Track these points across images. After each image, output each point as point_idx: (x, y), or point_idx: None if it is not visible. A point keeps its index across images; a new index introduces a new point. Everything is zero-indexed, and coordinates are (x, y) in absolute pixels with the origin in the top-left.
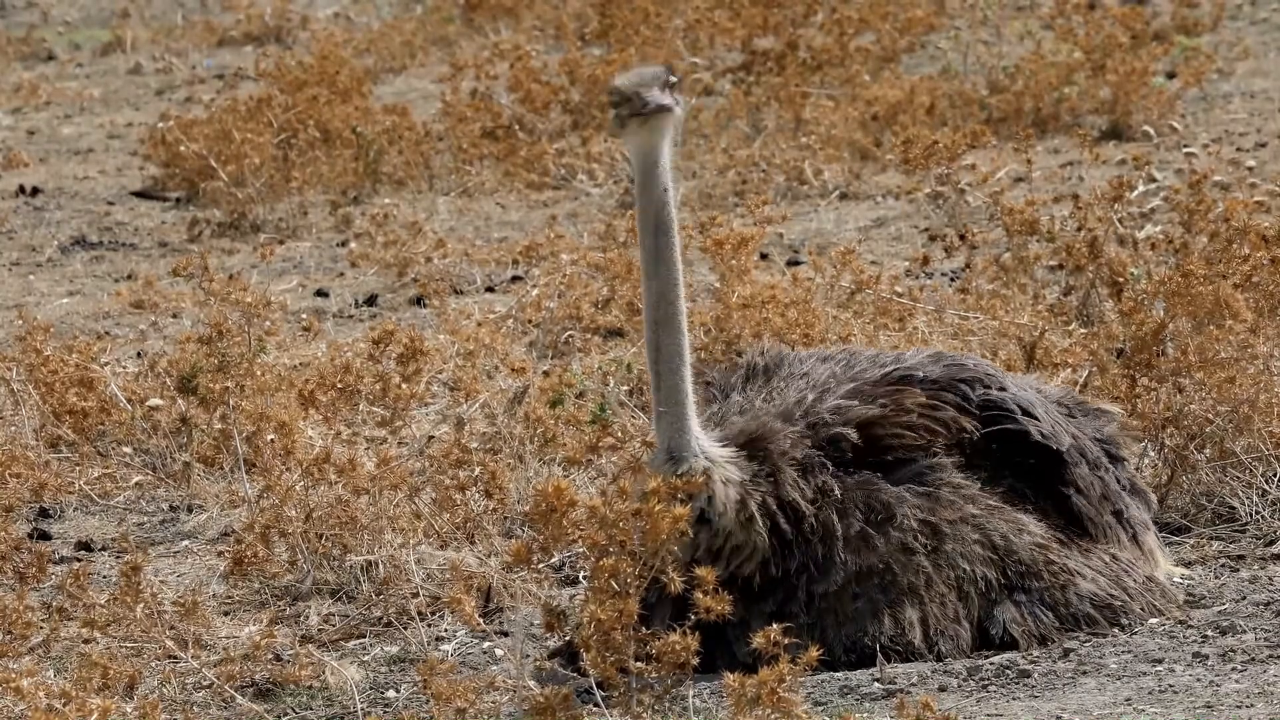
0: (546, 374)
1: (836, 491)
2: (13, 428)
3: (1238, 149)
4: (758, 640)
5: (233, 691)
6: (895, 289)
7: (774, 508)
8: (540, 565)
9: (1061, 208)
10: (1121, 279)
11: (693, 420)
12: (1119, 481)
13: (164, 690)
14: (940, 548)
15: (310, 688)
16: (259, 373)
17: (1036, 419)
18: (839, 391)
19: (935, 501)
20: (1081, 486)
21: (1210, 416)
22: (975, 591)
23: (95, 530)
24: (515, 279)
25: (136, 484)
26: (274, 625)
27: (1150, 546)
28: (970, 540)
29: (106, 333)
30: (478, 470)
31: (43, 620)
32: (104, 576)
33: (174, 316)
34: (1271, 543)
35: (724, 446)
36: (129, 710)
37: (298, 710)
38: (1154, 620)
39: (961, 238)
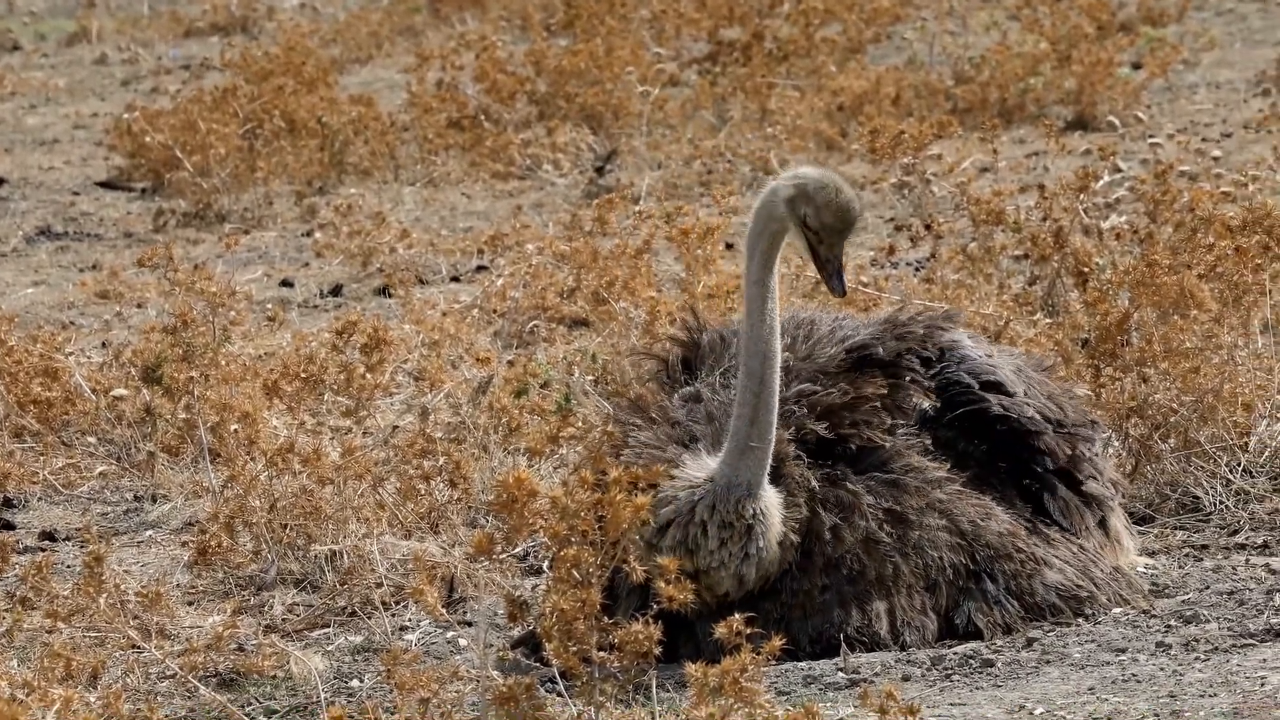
0: (511, 364)
1: (815, 485)
2: None
3: (1203, 139)
4: (720, 630)
5: (196, 682)
6: (861, 279)
7: (798, 529)
8: (503, 555)
9: (1027, 198)
10: (1086, 269)
11: (769, 462)
12: (1092, 440)
13: (127, 680)
14: (907, 536)
15: (274, 678)
16: (224, 363)
17: (997, 384)
18: (801, 374)
19: (901, 489)
20: (1048, 449)
21: (1175, 406)
22: (943, 580)
23: (59, 520)
24: (480, 269)
25: (101, 474)
26: (238, 615)
27: (1117, 530)
28: (937, 527)
29: (71, 323)
30: (442, 460)
31: (6, 610)
32: (68, 566)
33: (139, 307)
34: (1235, 532)
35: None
36: (92, 700)
37: (261, 700)
38: (1118, 610)
39: (927, 227)
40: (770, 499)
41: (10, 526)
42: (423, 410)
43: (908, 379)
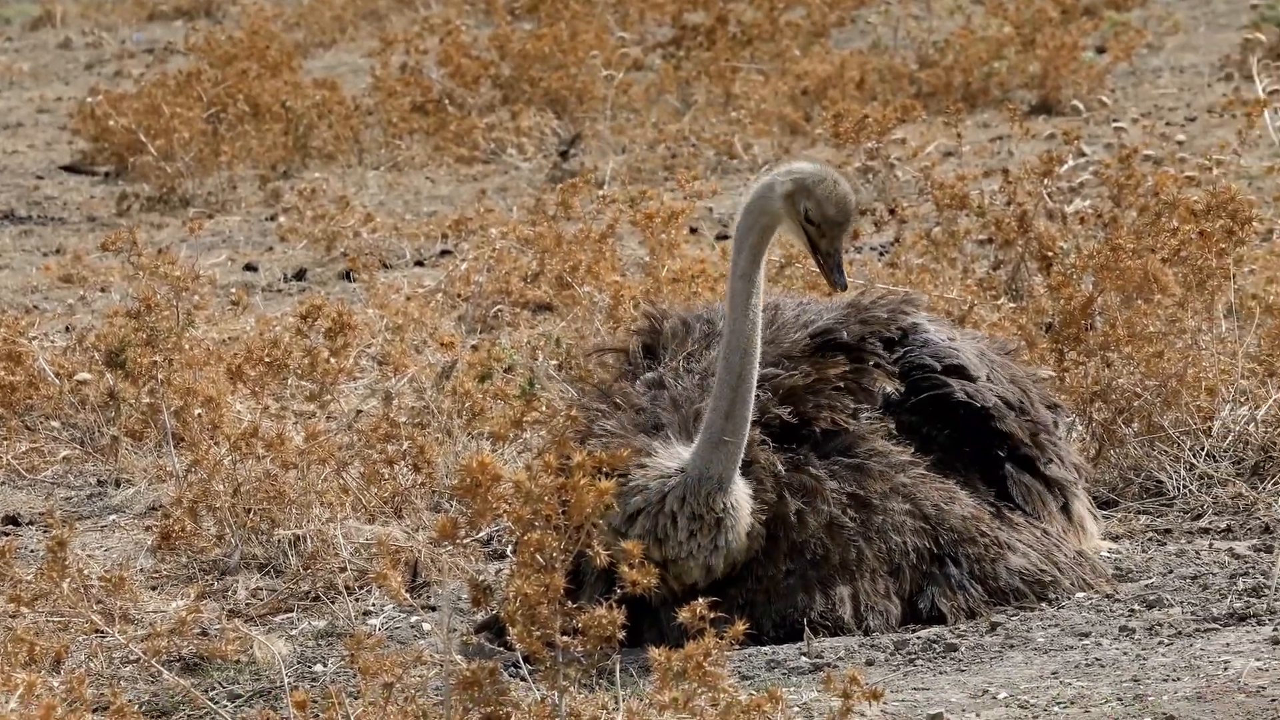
0: (475, 348)
1: (780, 470)
2: None
3: (1167, 123)
4: (683, 615)
5: (160, 666)
6: None
7: (765, 519)
8: (467, 540)
9: (991, 182)
10: (1051, 253)
11: (741, 457)
12: (1055, 424)
13: (91, 665)
14: (870, 520)
15: (237, 662)
16: (187, 347)
17: (960, 369)
18: (765, 358)
19: (864, 474)
20: (1011, 434)
21: (1138, 391)
22: (907, 564)
23: (22, 504)
24: (444, 253)
25: (64, 458)
26: (201, 600)
27: (1080, 515)
28: (901, 511)
29: (35, 307)
30: (405, 445)
31: None
32: (31, 551)
33: (102, 291)
34: (1198, 517)
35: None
36: (56, 685)
37: (225, 684)
38: (1081, 594)
39: (891, 212)
40: (740, 492)
41: None
42: (386, 395)
43: (871, 362)
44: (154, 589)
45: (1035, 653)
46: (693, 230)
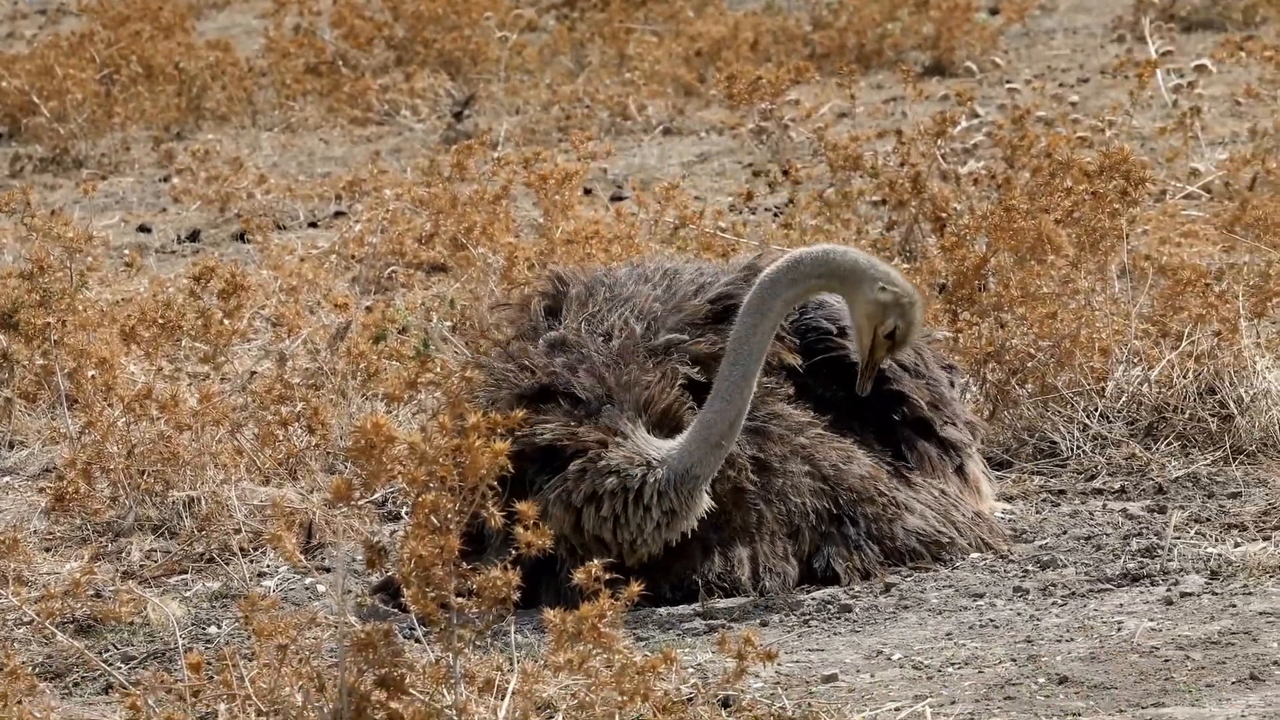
0: (369, 309)
1: None
2: None
3: (1060, 84)
4: (578, 576)
5: (53, 628)
6: (719, 224)
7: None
8: (361, 501)
9: (885, 143)
10: (944, 214)
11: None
12: (950, 384)
13: None
14: (771, 483)
15: (132, 624)
16: (81, 308)
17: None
18: (668, 324)
19: (765, 437)
20: (904, 394)
21: (1032, 351)
22: (806, 526)
23: None
24: (338, 214)
25: None
26: (95, 561)
27: (975, 476)
28: (800, 473)
29: None
30: (300, 406)
31: None
32: None
33: None
34: (1092, 478)
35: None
36: None
37: (119, 646)
38: (975, 555)
39: (785, 173)
40: (707, 488)
41: None
42: (281, 356)
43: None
44: (48, 551)
45: (929, 614)
46: (587, 191)
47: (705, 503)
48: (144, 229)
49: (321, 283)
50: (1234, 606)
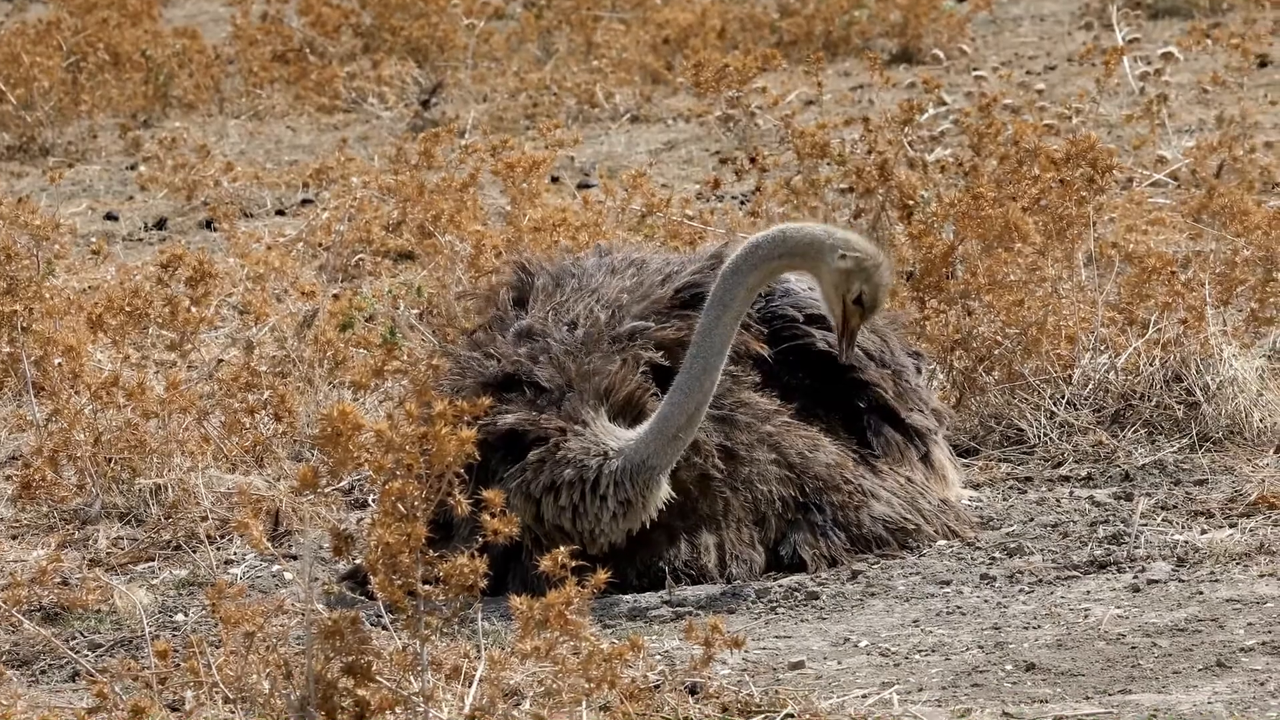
0: (336, 297)
1: None
2: None
3: (1027, 72)
4: (544, 563)
5: (20, 616)
6: (686, 212)
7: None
8: (328, 489)
9: (852, 131)
10: (911, 202)
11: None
12: (917, 371)
13: None
14: (737, 471)
15: (98, 611)
16: (47, 296)
17: (821, 318)
18: (633, 312)
19: (731, 425)
20: (871, 384)
21: (999, 339)
22: (772, 513)
23: None
24: (305, 202)
25: None
26: (62, 549)
27: (941, 463)
28: (766, 461)
29: None
30: (267, 394)
31: None
32: None
33: None
34: (1059, 465)
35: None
36: None
37: (86, 634)
38: (942, 542)
39: (752, 161)
40: (666, 478)
41: None
42: (248, 344)
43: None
44: (14, 538)
45: (896, 600)
46: (554, 179)
47: (664, 493)
48: (111, 217)
49: (289, 270)
50: (1201, 594)
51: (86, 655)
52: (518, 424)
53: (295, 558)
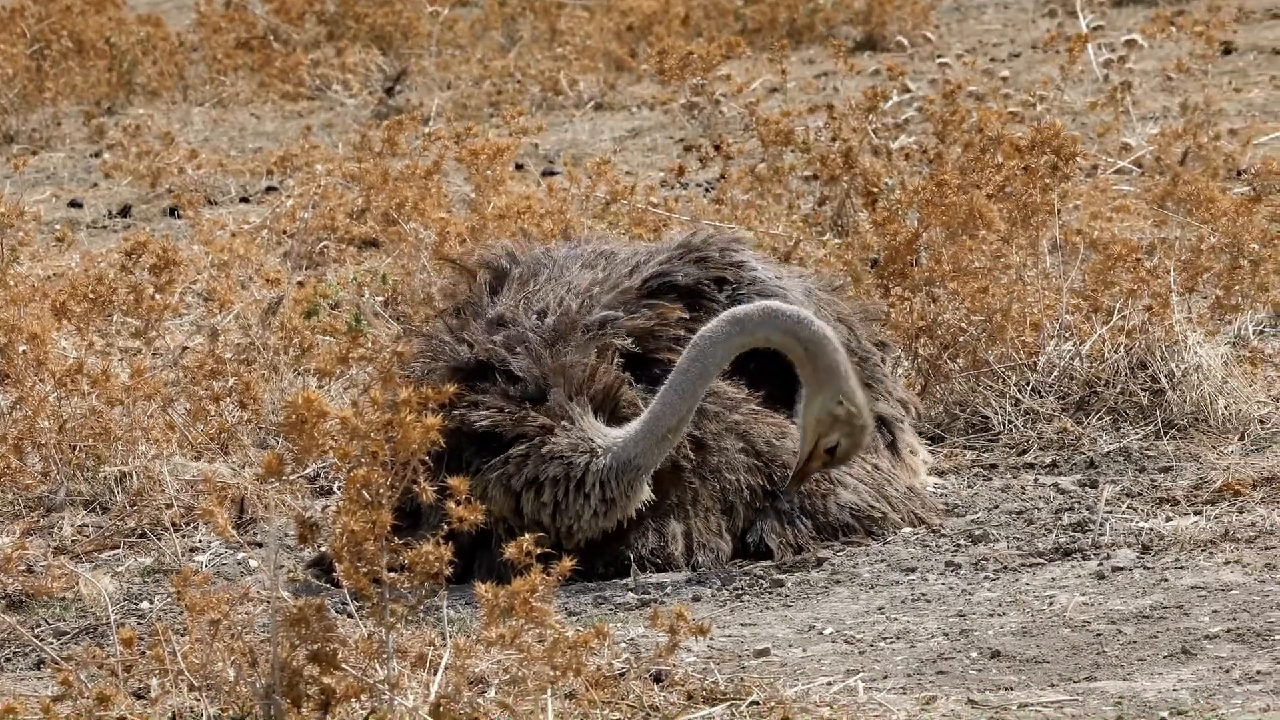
0: (301, 284)
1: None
2: None
3: (991, 59)
4: (510, 550)
5: None
6: (650, 199)
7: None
8: (293, 476)
9: (816, 118)
10: (875, 189)
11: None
12: (883, 363)
13: None
14: (706, 461)
15: (63, 599)
16: (12, 283)
17: None
18: (602, 301)
19: (701, 415)
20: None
21: (964, 326)
22: (740, 502)
23: None
24: (270, 189)
25: None
26: (27, 536)
27: (906, 450)
28: (734, 450)
29: None
30: (231, 381)
31: None
32: None
33: None
34: (1024, 452)
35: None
36: None
37: (50, 621)
38: (907, 529)
39: (716, 148)
40: (649, 478)
41: None
42: (212, 331)
43: (706, 305)
44: None
45: (861, 588)
46: (518, 166)
47: (645, 493)
48: (75, 204)
49: (253, 258)
50: (1165, 581)
51: (51, 643)
52: (496, 423)
53: (260, 545)
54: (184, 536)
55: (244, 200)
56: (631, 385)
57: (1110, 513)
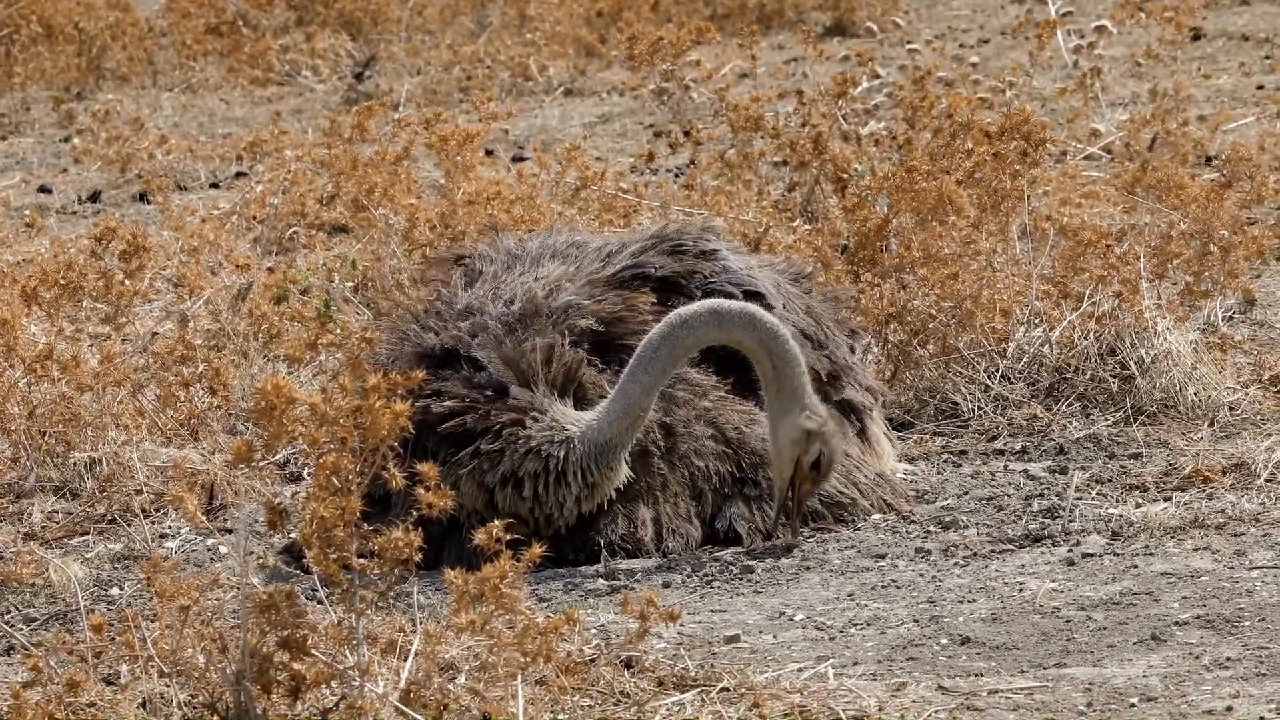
0: (271, 270)
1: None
2: None
3: (961, 45)
4: (479, 537)
5: None
6: (620, 185)
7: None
8: (263, 462)
9: (786, 104)
10: (845, 175)
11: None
12: (852, 351)
13: None
14: (676, 447)
15: (33, 585)
16: None
17: (760, 296)
18: (569, 290)
19: (670, 401)
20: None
21: (933, 312)
22: (709, 488)
23: None
24: (239, 175)
25: None
26: None
27: (876, 437)
28: (704, 436)
29: None
30: (201, 367)
31: None
32: None
33: None
34: (994, 438)
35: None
36: None
37: (20, 608)
38: (877, 516)
39: (686, 134)
40: (626, 456)
41: None
42: (182, 317)
43: (679, 295)
44: None
45: (832, 574)
46: (488, 153)
47: (624, 472)
48: (44, 189)
49: (223, 244)
50: (1135, 567)
51: (21, 629)
52: (461, 420)
53: (230, 532)
54: (154, 523)
55: (214, 186)
56: (596, 366)
57: (1080, 499)
